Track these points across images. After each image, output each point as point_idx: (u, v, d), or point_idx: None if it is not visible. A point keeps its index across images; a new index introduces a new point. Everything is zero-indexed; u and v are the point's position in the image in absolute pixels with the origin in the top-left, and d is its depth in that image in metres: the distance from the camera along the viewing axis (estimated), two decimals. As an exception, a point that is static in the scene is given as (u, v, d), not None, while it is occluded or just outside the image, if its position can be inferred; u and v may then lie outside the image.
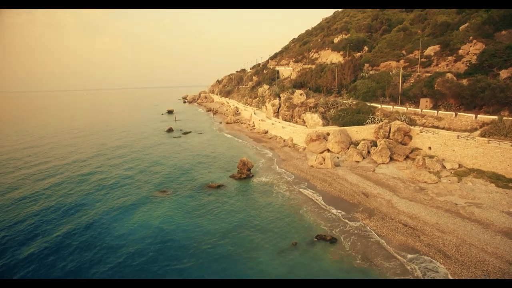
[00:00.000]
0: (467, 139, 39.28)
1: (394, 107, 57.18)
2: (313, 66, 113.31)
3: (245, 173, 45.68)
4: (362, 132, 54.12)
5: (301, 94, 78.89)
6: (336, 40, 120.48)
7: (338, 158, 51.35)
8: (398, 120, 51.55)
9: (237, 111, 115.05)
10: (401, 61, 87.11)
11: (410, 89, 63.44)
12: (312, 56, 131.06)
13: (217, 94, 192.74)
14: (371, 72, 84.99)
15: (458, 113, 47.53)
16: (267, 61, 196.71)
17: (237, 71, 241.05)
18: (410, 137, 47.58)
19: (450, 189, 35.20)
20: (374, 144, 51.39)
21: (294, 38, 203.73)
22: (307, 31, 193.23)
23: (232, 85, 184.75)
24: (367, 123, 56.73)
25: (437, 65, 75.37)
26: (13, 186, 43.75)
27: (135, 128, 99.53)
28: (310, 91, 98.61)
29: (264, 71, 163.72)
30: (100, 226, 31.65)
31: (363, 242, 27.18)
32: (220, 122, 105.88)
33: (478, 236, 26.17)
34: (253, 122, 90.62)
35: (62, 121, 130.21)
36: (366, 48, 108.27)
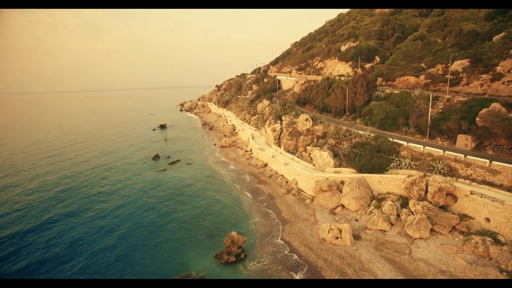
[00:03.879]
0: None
1: (426, 147, 45.18)
2: (319, 78, 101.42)
3: (234, 253, 33.99)
4: (387, 184, 42.25)
5: (306, 120, 67.02)
6: (343, 48, 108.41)
7: (356, 220, 39.56)
8: (435, 172, 39.62)
9: (234, 130, 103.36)
10: (421, 77, 75.09)
11: (441, 119, 51.40)
12: (317, 65, 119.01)
13: (214, 103, 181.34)
14: (387, 91, 72.93)
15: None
16: (268, 67, 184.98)
17: (237, 76, 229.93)
18: (455, 198, 35.70)
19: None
20: (404, 201, 39.57)
21: (296, 42, 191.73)
22: (310, 34, 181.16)
23: (230, 94, 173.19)
24: (392, 167, 44.87)
25: (467, 84, 63.26)
26: None
27: (118, 152, 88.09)
28: (315, 109, 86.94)
29: (265, 80, 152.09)
30: None
31: None
32: (215, 144, 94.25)
33: None
34: (250, 149, 78.89)
35: (34, 135, 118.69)
36: (377, 58, 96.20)
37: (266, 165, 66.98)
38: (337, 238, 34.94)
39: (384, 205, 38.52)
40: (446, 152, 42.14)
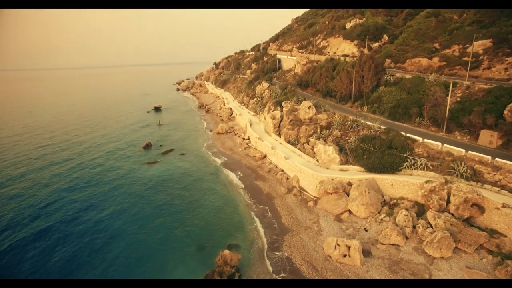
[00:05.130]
0: None
1: (445, 144, 39.91)
2: (322, 59, 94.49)
3: (227, 273, 29.61)
4: (401, 188, 37.34)
5: (309, 107, 61.24)
6: (348, 25, 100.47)
7: (366, 230, 35.03)
8: (456, 175, 34.62)
9: (231, 114, 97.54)
10: (435, 59, 68.58)
11: (460, 110, 45.77)
12: (320, 43, 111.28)
13: (212, 83, 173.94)
14: (397, 75, 66.63)
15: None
16: (268, 44, 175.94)
17: (235, 53, 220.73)
18: (482, 210, 30.91)
19: None
20: (420, 208, 34.86)
21: (297, 17, 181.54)
22: (312, 9, 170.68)
23: (229, 73, 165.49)
24: (405, 167, 39.85)
25: (489, 68, 57.08)
26: None
27: (108, 138, 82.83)
28: (318, 93, 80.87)
29: (264, 59, 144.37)
30: None
31: None
32: (211, 130, 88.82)
33: None
34: (248, 137, 73.60)
35: (20, 118, 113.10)
36: (385, 37, 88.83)
37: (265, 156, 61.98)
38: (345, 256, 30.46)
39: (397, 215, 33.79)
40: (470, 152, 36.93)
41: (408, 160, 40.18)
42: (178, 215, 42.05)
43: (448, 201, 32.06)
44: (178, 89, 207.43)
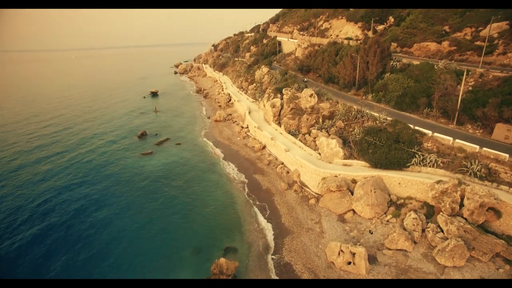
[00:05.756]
0: None
1: (457, 140, 37.23)
2: (324, 42, 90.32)
3: (223, 282, 27.67)
4: (409, 187, 34.96)
5: (311, 96, 58.11)
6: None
7: (371, 233, 32.92)
8: (469, 174, 32.14)
9: (229, 101, 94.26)
10: (444, 43, 64.98)
11: (473, 101, 42.82)
12: (322, 25, 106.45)
13: (210, 66, 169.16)
14: (404, 60, 63.09)
15: None
16: (267, 25, 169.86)
17: (234, 35, 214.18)
18: (498, 214, 28.63)
19: None
20: (429, 210, 32.64)
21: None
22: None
23: (227, 55, 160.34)
24: (413, 164, 37.36)
25: (504, 53, 53.76)
26: None
27: (103, 128, 79.98)
28: (319, 78, 77.45)
29: (264, 41, 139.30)
30: None
31: None
32: (208, 118, 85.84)
33: None
34: (247, 126, 70.78)
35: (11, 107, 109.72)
36: (391, 19, 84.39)
37: (264, 147, 59.45)
38: (350, 263, 28.43)
39: (406, 218, 31.54)
40: (484, 148, 34.30)
41: (417, 156, 37.64)
42: (172, 215, 39.85)
43: (461, 204, 29.75)
44: (175, 72, 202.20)
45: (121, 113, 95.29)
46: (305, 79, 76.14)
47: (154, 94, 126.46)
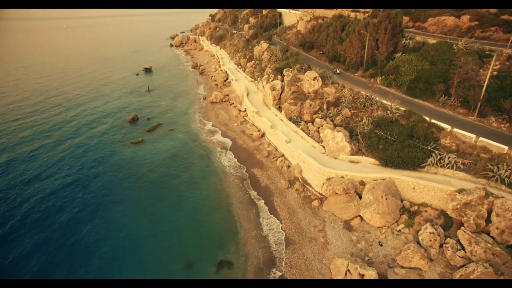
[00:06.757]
0: None
1: (480, 138, 32.95)
2: (329, 14, 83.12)
3: (216, 308, 24.69)
4: (425, 193, 31.19)
5: (314, 79, 52.97)
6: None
7: (381, 245, 29.61)
8: (496, 180, 28.21)
9: (227, 79, 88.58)
10: (464, 17, 58.85)
11: (499, 89, 38.04)
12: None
13: (207, 39, 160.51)
14: (417, 38, 57.22)
15: None
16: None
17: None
18: (529, 231, 25.02)
19: None
20: (447, 221, 29.10)
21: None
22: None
23: (225, 27, 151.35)
24: (429, 164, 33.39)
25: (533, 31, 47.83)
26: None
27: (92, 110, 75.22)
28: (323, 56, 71.68)
29: (264, 12, 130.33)
30: None
31: None
32: (204, 98, 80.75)
33: None
34: (245, 109, 66.06)
35: None
36: (404, -13, 76.36)
37: (263, 135, 55.28)
38: (358, 286, 25.25)
39: (421, 232, 27.98)
40: (514, 150, 30.16)
41: (433, 155, 33.55)
42: (161, 220, 36.46)
43: (488, 219, 26.09)
44: (171, 45, 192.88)
45: (113, 95, 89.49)
46: (338, 71, 59.92)
47: (148, 70, 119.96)
